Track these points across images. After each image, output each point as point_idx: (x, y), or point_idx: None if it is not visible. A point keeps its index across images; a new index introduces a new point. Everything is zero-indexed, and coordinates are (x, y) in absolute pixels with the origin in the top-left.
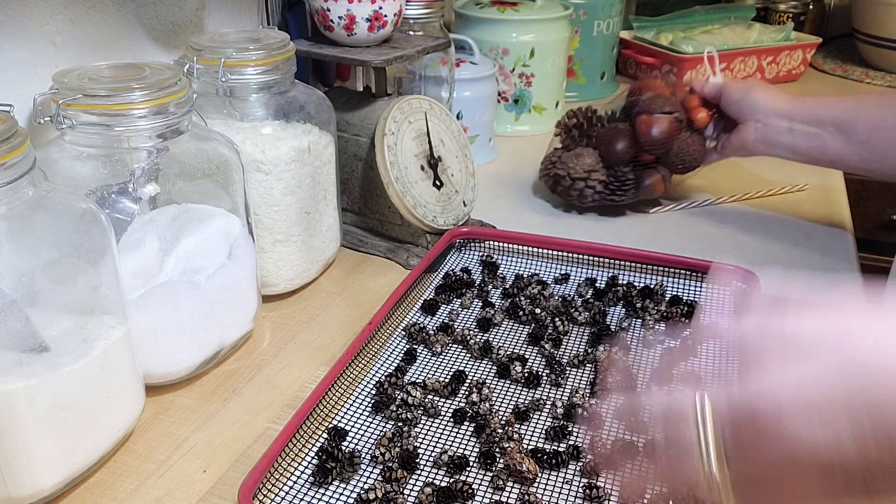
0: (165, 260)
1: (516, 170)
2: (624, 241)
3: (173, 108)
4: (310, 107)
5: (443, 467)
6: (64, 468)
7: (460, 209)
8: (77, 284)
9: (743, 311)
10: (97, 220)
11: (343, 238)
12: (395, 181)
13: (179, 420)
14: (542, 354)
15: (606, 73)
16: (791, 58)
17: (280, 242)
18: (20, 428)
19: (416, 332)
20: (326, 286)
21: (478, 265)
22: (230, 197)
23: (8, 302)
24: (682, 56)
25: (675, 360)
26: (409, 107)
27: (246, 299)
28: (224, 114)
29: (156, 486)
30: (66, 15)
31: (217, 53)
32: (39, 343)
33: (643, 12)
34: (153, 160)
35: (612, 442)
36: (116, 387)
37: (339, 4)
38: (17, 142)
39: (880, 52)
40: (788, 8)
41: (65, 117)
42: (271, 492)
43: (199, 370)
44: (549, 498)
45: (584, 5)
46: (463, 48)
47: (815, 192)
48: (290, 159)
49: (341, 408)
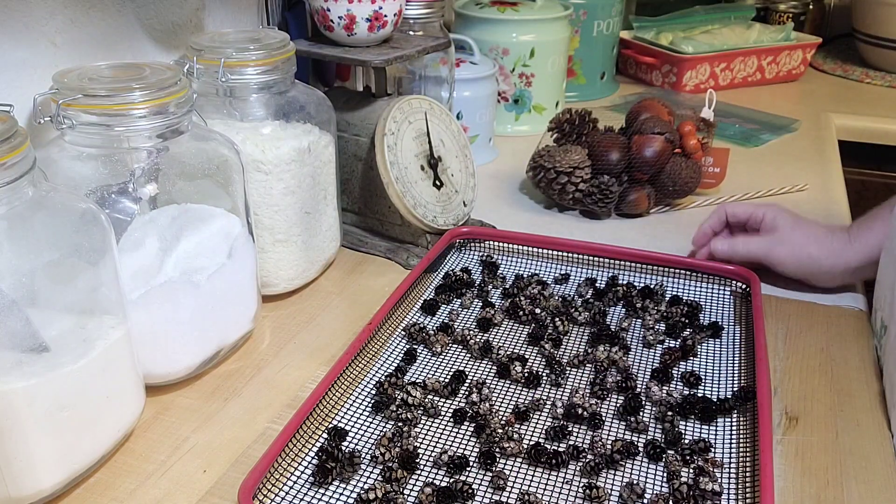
0: (165, 260)
1: (516, 170)
2: (624, 241)
3: (173, 108)
4: (310, 107)
5: (443, 467)
6: (64, 468)
7: (460, 209)
8: (77, 284)
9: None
10: (97, 220)
11: (343, 238)
12: (395, 181)
13: (179, 420)
14: (542, 354)
15: (606, 73)
16: (791, 58)
17: (280, 242)
18: (20, 428)
19: (416, 332)
20: (326, 286)
21: (478, 265)
22: (230, 197)
23: (8, 302)
24: (682, 56)
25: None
26: (409, 107)
27: (246, 299)
28: (224, 114)
29: (156, 486)
30: (66, 15)
31: (217, 53)
32: (39, 343)
33: (643, 12)
34: (153, 160)
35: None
36: (116, 387)
37: (339, 4)
38: (17, 142)
39: (880, 52)
40: (788, 8)
41: (65, 117)
42: (271, 492)
43: (199, 370)
44: (549, 498)
45: (584, 5)
46: (463, 48)
47: (815, 192)
48: (290, 159)
49: (341, 408)
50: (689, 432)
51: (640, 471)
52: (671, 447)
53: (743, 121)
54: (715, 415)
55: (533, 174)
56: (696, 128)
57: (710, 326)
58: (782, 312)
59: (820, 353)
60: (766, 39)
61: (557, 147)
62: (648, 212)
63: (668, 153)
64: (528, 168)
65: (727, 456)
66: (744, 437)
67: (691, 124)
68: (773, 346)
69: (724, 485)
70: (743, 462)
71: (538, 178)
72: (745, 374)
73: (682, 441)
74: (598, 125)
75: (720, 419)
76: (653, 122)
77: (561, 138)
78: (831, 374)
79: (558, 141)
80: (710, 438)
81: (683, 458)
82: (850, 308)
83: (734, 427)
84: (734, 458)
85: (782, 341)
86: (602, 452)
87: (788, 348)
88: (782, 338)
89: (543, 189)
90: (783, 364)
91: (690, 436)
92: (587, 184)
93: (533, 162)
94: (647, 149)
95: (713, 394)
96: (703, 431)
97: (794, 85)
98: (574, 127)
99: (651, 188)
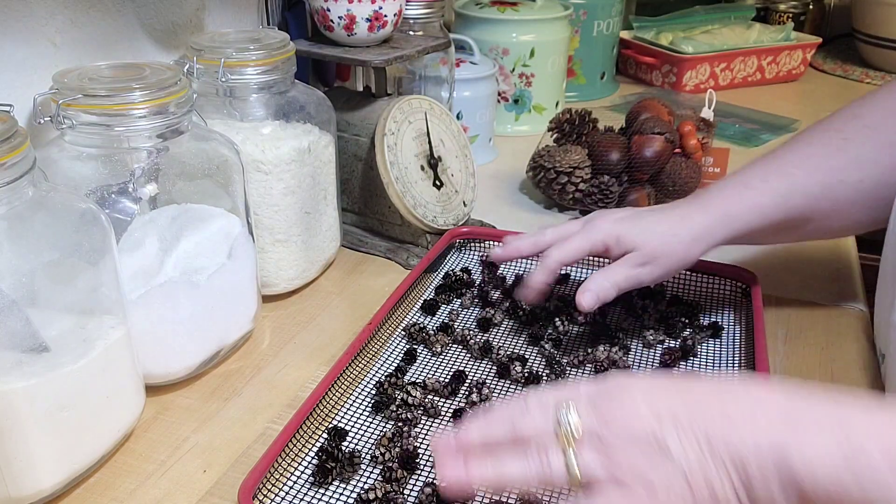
0: (165, 260)
1: (516, 170)
2: None
3: (173, 108)
4: (310, 107)
5: None
6: (64, 468)
7: (460, 209)
8: (77, 284)
9: None
10: (97, 220)
11: (343, 238)
12: (395, 181)
13: (179, 420)
14: (542, 354)
15: (606, 73)
16: (791, 58)
17: (280, 242)
18: (20, 428)
19: (416, 332)
20: (326, 286)
21: (478, 265)
22: (230, 197)
23: (8, 302)
24: (682, 56)
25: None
26: (409, 107)
27: (246, 299)
28: (224, 114)
29: (156, 486)
30: (66, 15)
31: (217, 53)
32: (39, 343)
33: (643, 12)
34: (153, 160)
35: None
36: (116, 387)
37: (339, 4)
38: (17, 142)
39: (880, 52)
40: (788, 8)
41: (65, 117)
42: (271, 492)
43: (199, 370)
44: (550, 498)
45: (584, 5)
46: (463, 48)
47: None
48: (290, 159)
49: (341, 408)
50: None
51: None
52: None
53: (743, 121)
54: None
55: (533, 174)
56: (696, 128)
57: (710, 326)
58: (782, 312)
59: (820, 353)
60: (766, 39)
61: (557, 147)
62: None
63: (668, 153)
64: (528, 168)
65: None
66: None
67: (691, 124)
68: (773, 346)
69: None
70: None
71: (538, 178)
72: (745, 373)
73: None
74: (598, 125)
75: None
76: (653, 122)
77: (561, 138)
78: (831, 374)
79: (558, 141)
80: None
81: None
82: (850, 308)
83: None
84: None
85: (782, 341)
86: None
87: (788, 348)
88: (782, 338)
89: (543, 189)
90: (783, 364)
91: None
92: (587, 184)
93: (533, 162)
94: (647, 149)
95: None
96: None
97: (794, 85)
98: (574, 127)
99: (651, 188)
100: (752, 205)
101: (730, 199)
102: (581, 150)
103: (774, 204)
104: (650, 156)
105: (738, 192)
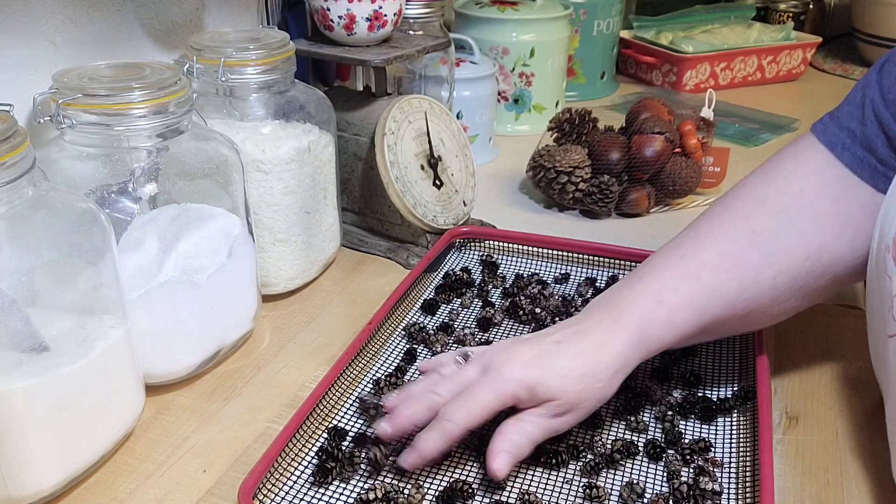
0: (165, 260)
1: (516, 170)
2: (624, 241)
3: (173, 107)
4: (310, 106)
5: (443, 467)
6: (64, 468)
7: (460, 209)
8: (77, 284)
9: None
10: (97, 219)
11: (343, 238)
12: (395, 181)
13: (179, 420)
14: None
15: (606, 72)
16: (791, 57)
17: (280, 242)
18: (20, 428)
19: (416, 332)
20: (326, 286)
21: (478, 265)
22: (230, 197)
23: (8, 302)
24: (682, 55)
25: None
26: (409, 106)
27: (246, 299)
28: (224, 113)
29: (156, 486)
30: (65, 15)
31: (217, 53)
32: (39, 343)
33: (643, 12)
34: (153, 160)
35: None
36: (116, 387)
37: (339, 4)
38: (17, 141)
39: (880, 52)
40: (788, 7)
41: (65, 117)
42: (271, 492)
43: (199, 370)
44: (550, 498)
45: (584, 5)
46: (463, 48)
47: None
48: (289, 159)
49: (341, 408)
50: (690, 432)
51: (641, 470)
52: (671, 447)
53: (743, 120)
54: (715, 414)
55: (533, 174)
56: (696, 127)
57: None
58: None
59: (820, 353)
60: (766, 39)
61: (557, 147)
62: (648, 211)
63: (668, 153)
64: (528, 168)
65: (727, 455)
66: (744, 437)
67: (691, 124)
68: (773, 346)
69: (724, 484)
70: (743, 462)
71: (538, 177)
72: (745, 373)
73: (683, 441)
74: (598, 125)
75: (720, 419)
76: (653, 122)
77: (561, 138)
78: (831, 374)
79: (558, 141)
80: (711, 438)
81: (683, 458)
82: (850, 308)
83: (734, 427)
84: (734, 457)
85: (782, 341)
86: (602, 452)
87: (788, 348)
88: (782, 338)
89: (543, 189)
90: (783, 364)
91: (690, 435)
92: (587, 183)
93: (533, 162)
94: (647, 148)
95: (713, 393)
96: (704, 431)
97: (794, 84)
98: (574, 126)
99: (651, 188)
100: (668, 322)
101: (645, 316)
102: (581, 150)
103: (692, 317)
104: (650, 155)
105: (653, 309)
